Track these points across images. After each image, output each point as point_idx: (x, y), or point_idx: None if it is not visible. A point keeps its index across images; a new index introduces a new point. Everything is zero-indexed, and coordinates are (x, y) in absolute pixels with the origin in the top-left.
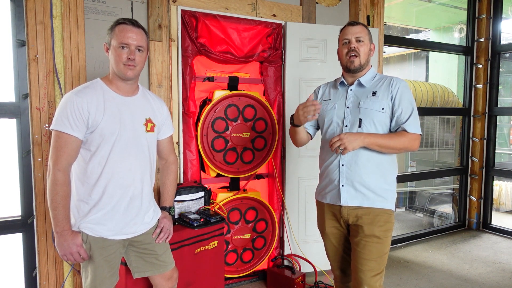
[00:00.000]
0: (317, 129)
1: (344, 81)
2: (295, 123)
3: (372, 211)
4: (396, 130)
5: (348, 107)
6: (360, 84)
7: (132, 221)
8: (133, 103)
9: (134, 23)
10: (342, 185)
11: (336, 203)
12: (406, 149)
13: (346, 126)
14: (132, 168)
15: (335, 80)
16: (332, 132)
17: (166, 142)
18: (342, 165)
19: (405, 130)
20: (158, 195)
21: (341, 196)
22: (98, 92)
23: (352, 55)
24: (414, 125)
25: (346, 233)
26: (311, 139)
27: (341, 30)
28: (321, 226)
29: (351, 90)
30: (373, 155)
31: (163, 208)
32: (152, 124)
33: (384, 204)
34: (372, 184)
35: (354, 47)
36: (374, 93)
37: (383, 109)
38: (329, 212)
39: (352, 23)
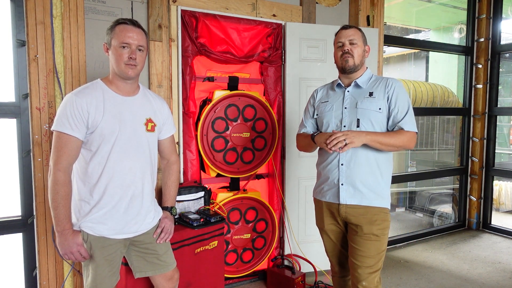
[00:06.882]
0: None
1: (340, 82)
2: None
3: (370, 210)
4: (393, 128)
5: (345, 108)
6: (357, 85)
7: (133, 221)
8: (133, 102)
9: (134, 23)
10: (342, 184)
11: (335, 202)
12: (404, 147)
13: (345, 126)
14: (132, 168)
15: (332, 82)
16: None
17: (167, 142)
18: (342, 164)
19: (402, 128)
20: (160, 195)
21: (340, 195)
22: (98, 93)
23: (346, 56)
24: (410, 123)
25: (344, 231)
26: None
27: (336, 34)
28: (320, 223)
29: (348, 91)
30: (372, 154)
31: (164, 208)
32: (153, 124)
33: (382, 202)
34: (371, 182)
35: (347, 49)
36: (370, 94)
37: (380, 109)
38: (327, 210)
39: (345, 26)
